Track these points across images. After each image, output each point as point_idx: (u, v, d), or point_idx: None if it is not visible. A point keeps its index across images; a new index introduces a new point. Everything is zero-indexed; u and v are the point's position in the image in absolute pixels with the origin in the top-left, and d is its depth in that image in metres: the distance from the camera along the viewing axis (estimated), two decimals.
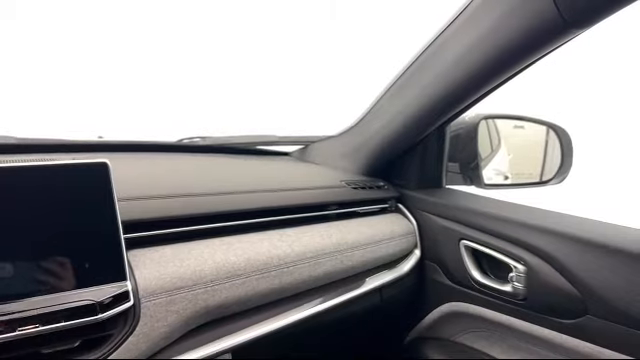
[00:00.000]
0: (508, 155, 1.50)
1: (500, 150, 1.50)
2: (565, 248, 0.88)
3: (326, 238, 0.99)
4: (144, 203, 0.82)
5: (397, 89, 1.10)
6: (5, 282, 0.61)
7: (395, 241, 1.12)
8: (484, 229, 1.02)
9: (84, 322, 0.65)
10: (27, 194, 0.64)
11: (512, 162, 1.48)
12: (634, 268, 0.81)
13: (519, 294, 0.94)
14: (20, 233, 0.63)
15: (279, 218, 0.98)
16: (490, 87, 0.96)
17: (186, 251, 0.80)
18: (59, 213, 0.66)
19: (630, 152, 2.13)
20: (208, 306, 0.78)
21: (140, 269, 0.73)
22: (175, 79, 2.30)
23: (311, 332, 0.97)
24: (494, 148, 1.51)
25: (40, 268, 0.64)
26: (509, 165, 1.48)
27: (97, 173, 0.70)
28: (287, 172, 1.27)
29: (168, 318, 0.72)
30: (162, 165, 1.12)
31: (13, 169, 0.64)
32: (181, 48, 2.32)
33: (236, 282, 0.81)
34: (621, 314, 0.81)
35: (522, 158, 1.41)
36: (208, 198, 0.91)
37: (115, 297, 0.67)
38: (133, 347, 0.69)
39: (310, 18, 2.52)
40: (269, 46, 2.54)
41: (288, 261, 0.89)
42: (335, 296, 0.97)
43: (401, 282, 1.12)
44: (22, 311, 0.61)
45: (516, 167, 1.45)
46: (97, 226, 0.69)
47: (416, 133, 1.13)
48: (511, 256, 0.96)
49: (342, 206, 1.11)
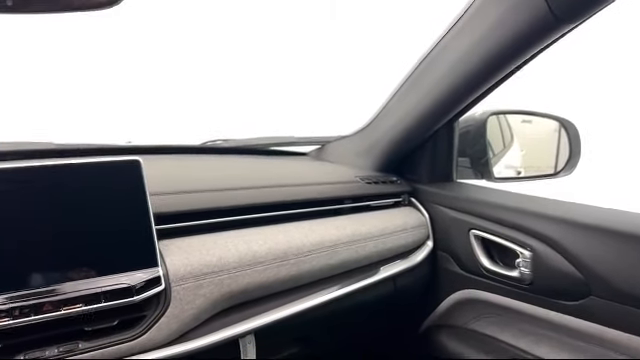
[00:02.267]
0: (521, 151, 1.53)
1: (513, 146, 1.53)
2: (569, 233, 0.92)
3: (341, 229, 1.04)
4: (173, 197, 0.89)
5: (406, 89, 1.15)
6: (52, 268, 0.68)
7: (408, 232, 1.17)
8: (492, 219, 1.06)
9: (121, 303, 0.71)
10: (70, 190, 0.71)
11: (523, 156, 1.51)
12: (636, 250, 0.84)
13: (526, 279, 0.98)
14: (65, 224, 0.70)
15: (297, 211, 1.04)
16: (493, 82, 1.00)
17: (211, 241, 0.87)
18: (98, 206, 0.73)
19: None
20: (232, 291, 0.83)
21: (170, 257, 0.79)
22: (198, 87, 2.39)
23: (328, 317, 1.02)
24: (506, 144, 1.54)
25: (82, 255, 0.71)
26: (522, 160, 1.51)
27: (131, 170, 0.77)
28: (304, 170, 1.32)
29: (196, 301, 0.78)
30: (188, 165, 1.19)
31: (58, 167, 0.71)
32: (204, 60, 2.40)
33: (258, 269, 0.87)
34: (624, 294, 0.84)
35: (531, 152, 1.44)
36: (231, 193, 0.98)
37: (148, 281, 0.73)
38: (165, 327, 0.75)
39: (320, 22, 2.58)
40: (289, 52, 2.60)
41: (305, 250, 0.95)
42: (350, 283, 1.02)
43: (414, 271, 1.17)
44: (67, 292, 0.68)
45: (525, 160, 1.49)
46: (131, 218, 0.76)
47: (426, 129, 1.18)
48: (518, 243, 1.00)
49: (356, 200, 1.17)
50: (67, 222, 0.70)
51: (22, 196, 0.68)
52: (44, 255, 0.68)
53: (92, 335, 0.70)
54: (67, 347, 0.67)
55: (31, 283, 0.66)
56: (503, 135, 1.51)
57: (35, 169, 0.69)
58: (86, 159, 0.74)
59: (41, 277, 0.67)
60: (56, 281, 0.68)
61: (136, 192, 0.76)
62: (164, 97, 2.26)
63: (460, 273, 1.15)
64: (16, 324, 0.64)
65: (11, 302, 0.64)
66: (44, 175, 0.70)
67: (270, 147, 1.51)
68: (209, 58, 2.40)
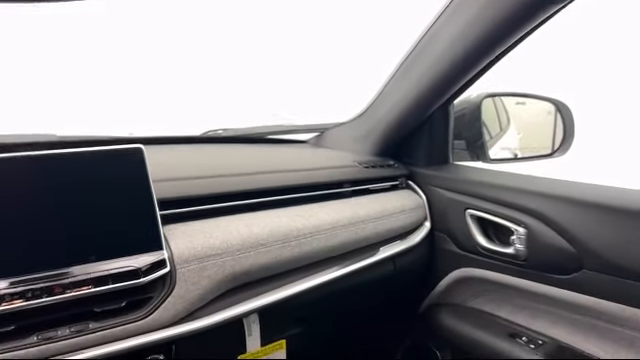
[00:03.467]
0: (518, 134, 1.55)
1: (509, 129, 1.54)
2: (561, 209, 0.94)
3: (340, 212, 1.06)
4: (176, 184, 0.91)
5: (401, 74, 1.17)
6: (62, 252, 0.70)
7: (406, 214, 1.19)
8: (487, 198, 1.08)
9: (128, 285, 0.73)
10: (76, 177, 0.74)
11: (520, 140, 1.52)
12: (625, 223, 0.86)
13: (521, 255, 1.00)
14: (72, 211, 0.72)
15: (296, 196, 1.06)
16: (485, 64, 1.02)
17: (214, 225, 0.89)
18: (103, 193, 0.75)
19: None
20: (236, 272, 0.86)
21: (174, 240, 0.81)
22: (197, 78, 2.40)
23: (330, 297, 1.04)
24: (503, 127, 1.55)
25: (89, 240, 0.73)
26: (519, 143, 1.53)
27: (134, 157, 0.79)
28: (304, 156, 1.34)
29: (201, 282, 0.81)
30: (189, 154, 1.21)
31: (65, 155, 0.73)
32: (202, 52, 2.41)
33: (260, 251, 0.89)
34: (615, 266, 0.86)
35: (525, 133, 1.46)
36: (232, 178, 1.00)
37: (154, 264, 0.76)
38: (171, 307, 0.77)
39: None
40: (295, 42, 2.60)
41: (306, 232, 0.97)
42: (351, 264, 1.04)
43: (413, 252, 1.19)
44: (77, 275, 0.70)
45: (521, 143, 1.50)
46: (136, 203, 0.78)
47: (421, 113, 1.19)
48: (513, 220, 1.02)
49: (355, 184, 1.19)
50: (74, 208, 0.72)
51: (31, 184, 0.70)
52: (54, 240, 0.70)
53: (102, 316, 0.72)
54: (78, 327, 0.70)
55: (42, 267, 0.68)
56: (499, 118, 1.53)
57: (43, 157, 0.72)
58: (91, 148, 0.76)
59: (51, 261, 0.69)
60: (66, 265, 0.70)
61: (139, 178, 0.78)
62: (163, 89, 2.28)
63: (457, 252, 1.17)
64: (29, 306, 0.66)
65: (23, 285, 0.66)
66: (51, 163, 0.72)
67: (270, 135, 1.53)
68: (207, 50, 2.42)
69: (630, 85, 2.08)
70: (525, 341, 1.01)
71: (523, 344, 1.01)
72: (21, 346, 0.66)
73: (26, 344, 0.66)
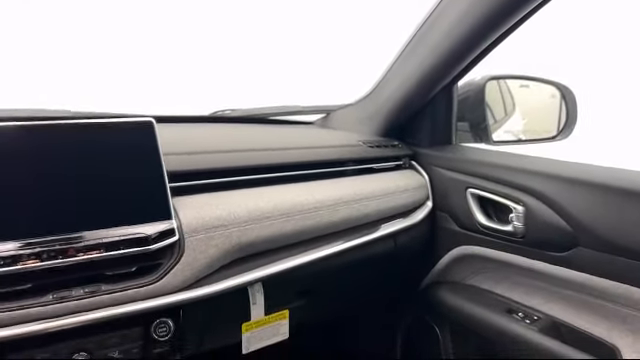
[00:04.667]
0: (523, 119, 1.55)
1: (514, 114, 1.55)
2: (559, 188, 0.96)
3: (344, 189, 1.08)
4: (185, 157, 0.94)
5: (405, 55, 1.19)
6: (76, 217, 0.73)
7: (408, 193, 1.21)
8: (488, 177, 1.10)
9: (138, 251, 0.77)
10: (90, 146, 0.76)
11: (525, 124, 1.53)
12: (620, 202, 0.87)
13: (519, 233, 1.02)
14: (86, 179, 0.75)
15: (301, 173, 1.08)
16: (488, 43, 1.03)
17: (222, 198, 0.91)
18: (115, 163, 0.78)
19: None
20: (241, 243, 0.88)
21: (183, 211, 0.84)
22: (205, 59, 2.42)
23: (332, 271, 1.07)
24: (508, 112, 1.56)
25: (102, 207, 0.76)
26: (523, 128, 1.53)
27: (145, 129, 0.81)
28: (309, 136, 1.36)
29: (208, 251, 0.83)
30: (198, 132, 1.23)
31: (80, 125, 0.76)
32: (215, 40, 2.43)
33: (265, 224, 0.92)
34: (608, 244, 0.88)
35: (528, 116, 1.47)
36: (240, 154, 1.03)
37: (163, 232, 0.79)
38: (179, 274, 0.80)
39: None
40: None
41: (309, 207, 0.99)
42: (352, 239, 1.07)
43: (414, 230, 1.21)
44: (90, 240, 0.73)
45: (526, 126, 1.51)
46: (146, 174, 0.80)
47: (425, 93, 1.21)
48: (512, 199, 1.04)
49: (359, 163, 1.21)
50: (88, 176, 0.75)
51: (48, 151, 0.73)
52: (68, 205, 0.73)
53: (113, 279, 0.75)
54: (91, 288, 0.73)
55: (57, 230, 0.71)
56: (504, 102, 1.53)
57: (58, 126, 0.74)
58: (104, 119, 0.79)
59: (66, 225, 0.72)
60: (79, 229, 0.73)
61: (150, 150, 0.81)
62: (170, 69, 2.30)
63: (458, 230, 1.19)
64: (44, 266, 0.70)
65: (40, 247, 0.69)
66: (67, 132, 0.75)
67: (277, 116, 1.55)
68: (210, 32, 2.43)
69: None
70: (521, 316, 1.04)
71: (519, 319, 1.03)
72: (37, 304, 0.69)
73: (42, 302, 0.69)
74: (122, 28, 2.21)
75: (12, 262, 0.68)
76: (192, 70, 2.32)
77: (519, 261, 1.05)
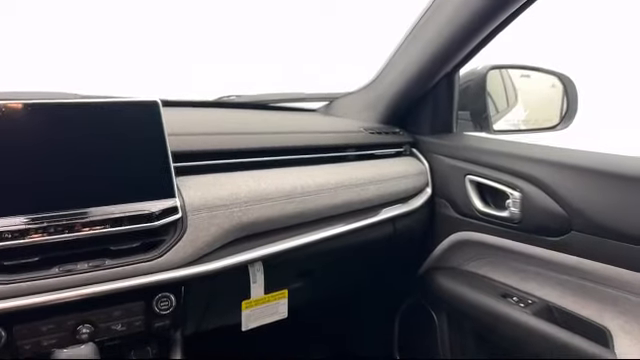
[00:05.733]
0: (525, 111, 1.55)
1: (517, 106, 1.55)
2: (554, 174, 0.96)
3: (344, 174, 1.10)
4: (189, 138, 0.95)
5: (408, 43, 1.19)
6: (82, 194, 0.75)
7: (408, 179, 1.22)
8: (486, 164, 1.11)
9: (142, 227, 0.78)
10: (97, 124, 0.78)
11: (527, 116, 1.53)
12: (612, 186, 0.88)
13: (515, 218, 1.03)
14: (93, 156, 0.77)
15: (304, 157, 1.10)
16: (488, 31, 1.04)
17: (224, 179, 0.93)
18: (121, 141, 0.80)
19: None
20: (243, 222, 0.90)
21: (186, 190, 0.85)
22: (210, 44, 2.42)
23: (332, 253, 1.08)
24: (510, 103, 1.56)
25: (107, 184, 0.77)
26: (525, 119, 1.53)
27: (150, 109, 0.83)
28: (312, 122, 1.37)
29: (210, 229, 0.85)
30: (203, 115, 1.25)
31: (87, 104, 0.78)
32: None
33: (266, 204, 0.93)
34: (599, 227, 0.88)
35: (530, 106, 1.47)
36: (244, 136, 1.04)
37: (166, 210, 0.80)
38: (181, 250, 0.82)
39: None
40: None
41: (310, 190, 1.01)
42: (352, 222, 1.08)
43: (413, 215, 1.22)
44: (96, 215, 0.75)
45: (527, 116, 1.51)
46: (151, 153, 0.82)
47: (426, 81, 1.21)
48: (509, 185, 1.05)
49: (360, 149, 1.22)
50: (94, 154, 0.77)
51: (55, 129, 0.74)
52: (74, 182, 0.75)
53: (117, 254, 0.77)
54: (95, 262, 0.75)
55: (64, 206, 0.73)
56: (507, 93, 1.53)
57: (67, 105, 0.76)
58: (110, 99, 0.80)
59: (73, 201, 0.74)
60: (85, 205, 0.74)
61: (155, 129, 0.82)
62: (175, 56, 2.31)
63: (456, 217, 1.20)
64: (51, 240, 0.71)
65: (47, 221, 0.71)
66: (75, 110, 0.76)
67: (281, 103, 1.56)
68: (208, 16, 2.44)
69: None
70: (516, 301, 1.05)
71: (514, 303, 1.05)
72: (44, 276, 0.71)
73: (48, 274, 0.71)
74: (125, 19, 2.22)
75: (20, 236, 0.70)
76: (197, 60, 2.33)
77: (515, 246, 1.06)
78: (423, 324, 1.36)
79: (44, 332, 0.74)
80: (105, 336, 0.79)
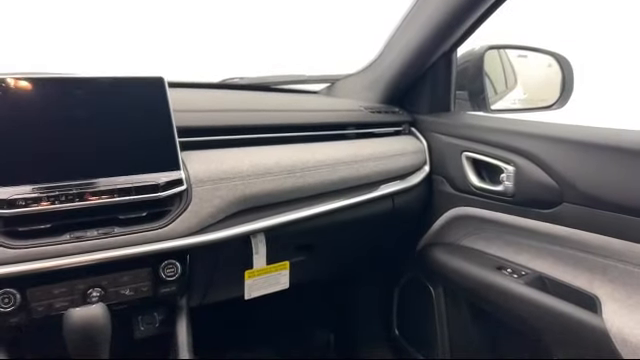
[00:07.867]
0: (524, 94, 1.56)
1: (515, 89, 1.56)
2: (546, 147, 0.98)
3: (344, 151, 1.12)
4: (193, 114, 0.98)
5: (406, 23, 1.20)
6: (92, 165, 0.78)
7: (407, 157, 1.24)
8: (482, 140, 1.12)
9: (149, 197, 0.81)
10: (105, 99, 0.80)
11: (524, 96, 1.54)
12: (601, 158, 0.90)
13: (509, 192, 1.05)
14: (101, 129, 0.79)
15: (304, 134, 1.12)
16: (484, 8, 1.05)
17: (228, 154, 0.96)
18: (128, 116, 0.82)
19: None
20: (245, 195, 0.92)
21: (191, 164, 0.88)
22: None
23: (332, 227, 1.11)
24: (509, 85, 1.57)
25: (116, 156, 0.80)
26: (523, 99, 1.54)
27: (156, 85, 0.85)
28: (313, 102, 1.39)
29: (213, 201, 0.88)
30: (207, 95, 1.27)
31: (95, 80, 0.80)
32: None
33: (267, 179, 0.96)
34: (590, 197, 0.90)
35: (526, 86, 1.48)
36: (245, 113, 1.07)
37: (172, 181, 0.83)
38: (186, 220, 0.84)
39: None
40: None
41: (310, 165, 1.03)
42: (351, 197, 1.10)
43: (411, 192, 1.24)
44: (105, 185, 0.78)
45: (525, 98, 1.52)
46: (157, 127, 0.84)
47: (424, 59, 1.23)
48: (503, 160, 1.06)
49: (360, 127, 1.23)
50: (102, 127, 0.80)
51: (65, 103, 0.77)
52: (84, 154, 0.78)
53: (125, 222, 0.80)
54: (105, 230, 0.78)
55: (75, 176, 0.76)
56: (505, 75, 1.54)
57: (75, 80, 0.79)
58: (117, 75, 0.83)
59: (83, 172, 0.77)
60: (95, 176, 0.77)
61: (161, 105, 0.85)
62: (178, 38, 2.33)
63: (453, 193, 1.22)
64: (63, 208, 0.74)
65: (59, 190, 0.74)
66: (82, 85, 0.79)
67: (284, 85, 1.57)
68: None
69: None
70: (509, 272, 1.07)
71: (507, 275, 1.07)
72: (56, 242, 0.74)
73: (60, 240, 0.74)
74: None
75: (33, 203, 0.73)
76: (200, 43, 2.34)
77: (509, 220, 1.08)
78: (421, 299, 1.39)
79: (56, 295, 0.77)
80: (114, 300, 0.82)
